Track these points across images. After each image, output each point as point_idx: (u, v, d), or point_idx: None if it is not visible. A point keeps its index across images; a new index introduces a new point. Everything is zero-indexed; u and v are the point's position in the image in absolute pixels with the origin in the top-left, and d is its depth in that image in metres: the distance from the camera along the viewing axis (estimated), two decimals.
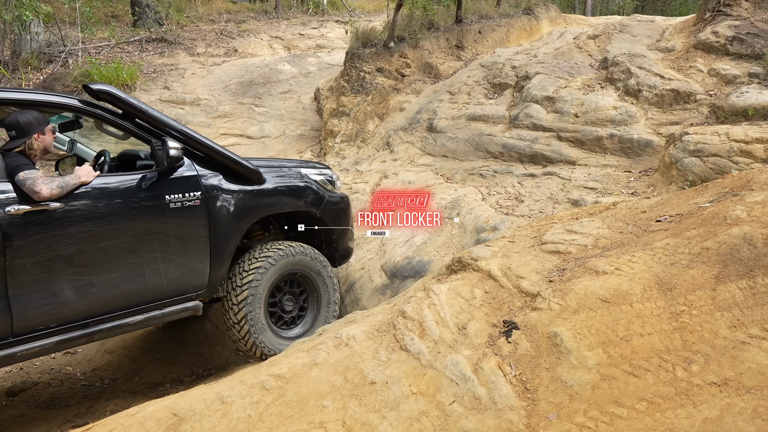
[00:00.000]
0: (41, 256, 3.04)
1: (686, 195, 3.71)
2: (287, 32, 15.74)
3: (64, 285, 3.14)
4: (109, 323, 3.37)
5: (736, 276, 2.54)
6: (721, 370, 2.17)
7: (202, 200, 3.66)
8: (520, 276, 3.01)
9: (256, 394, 2.56)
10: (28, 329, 3.05)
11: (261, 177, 4.02)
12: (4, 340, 2.99)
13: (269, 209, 4.15)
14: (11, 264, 2.93)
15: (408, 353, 2.67)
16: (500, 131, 7.04)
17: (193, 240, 3.64)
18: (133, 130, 3.58)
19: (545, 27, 11.09)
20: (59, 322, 3.16)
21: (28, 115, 3.25)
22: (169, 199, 3.52)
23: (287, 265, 4.11)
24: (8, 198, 2.96)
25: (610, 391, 2.21)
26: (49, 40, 11.56)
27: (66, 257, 3.13)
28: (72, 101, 3.46)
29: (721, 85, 6.38)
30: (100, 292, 3.28)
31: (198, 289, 3.75)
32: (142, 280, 3.44)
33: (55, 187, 3.06)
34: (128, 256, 3.37)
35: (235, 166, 3.87)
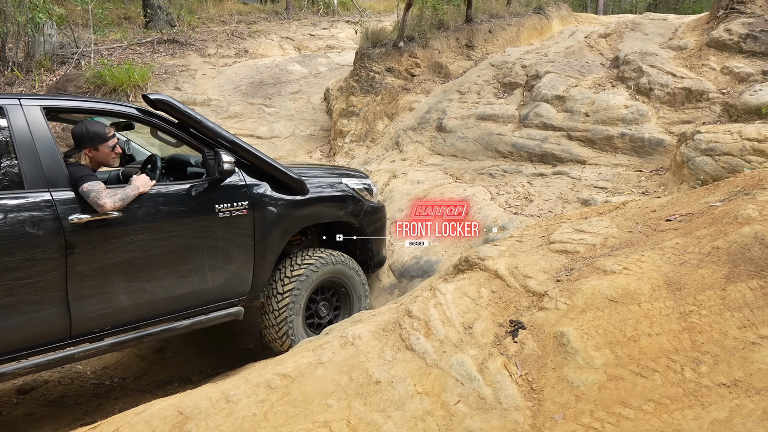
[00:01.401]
0: (99, 263, 3.14)
1: (697, 194, 3.67)
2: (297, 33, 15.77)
3: (118, 290, 3.25)
4: (159, 327, 3.50)
5: (746, 276, 2.50)
6: (731, 371, 2.13)
7: (249, 209, 3.76)
8: (528, 275, 2.99)
9: (262, 393, 2.56)
10: (85, 332, 3.18)
11: (305, 187, 4.11)
12: (62, 341, 3.11)
13: (311, 219, 4.25)
14: (72, 270, 3.03)
15: (413, 353, 2.66)
16: (510, 131, 7.00)
17: (238, 248, 3.74)
18: (188, 140, 3.69)
19: (556, 26, 11.02)
20: (113, 325, 3.29)
21: (95, 126, 3.36)
22: (219, 208, 3.62)
23: (326, 273, 4.25)
24: (72, 207, 3.06)
25: (617, 392, 2.18)
26: (62, 41, 11.66)
27: (122, 264, 3.24)
28: (131, 110, 3.56)
29: (734, 83, 6.29)
30: (152, 298, 3.40)
31: (241, 295, 3.85)
32: (190, 286, 3.54)
33: (117, 200, 3.17)
34: (178, 263, 3.48)
35: (281, 176, 3.96)
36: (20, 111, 3.06)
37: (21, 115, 3.05)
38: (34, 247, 2.93)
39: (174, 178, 3.98)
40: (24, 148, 2.99)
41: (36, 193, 2.98)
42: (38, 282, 2.94)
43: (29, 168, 2.98)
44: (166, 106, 3.52)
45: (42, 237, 2.95)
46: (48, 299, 3.00)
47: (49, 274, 2.98)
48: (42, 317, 3.01)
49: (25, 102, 3.11)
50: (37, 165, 3.01)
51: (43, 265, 2.96)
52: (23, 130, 3.02)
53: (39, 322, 3.00)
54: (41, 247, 2.94)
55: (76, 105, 3.48)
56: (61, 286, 3.02)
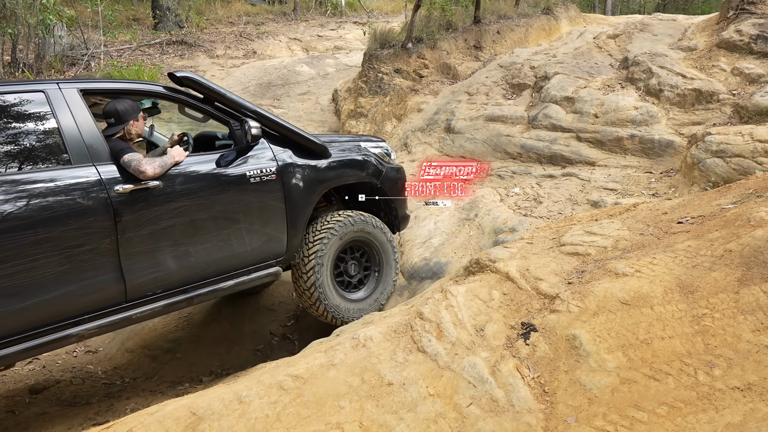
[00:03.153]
0: (146, 230, 3.37)
1: (708, 196, 3.66)
2: (305, 34, 15.82)
3: (165, 255, 3.47)
4: (206, 288, 3.72)
5: (760, 279, 2.49)
6: (745, 374, 2.12)
7: (277, 174, 3.97)
8: (539, 278, 2.99)
9: (274, 394, 2.57)
10: (139, 295, 3.41)
11: (327, 151, 4.32)
12: (120, 305, 3.35)
13: (336, 181, 4.43)
14: (122, 237, 3.26)
15: (425, 355, 2.66)
16: (519, 132, 6.99)
17: (271, 211, 3.96)
18: (214, 113, 3.91)
19: (564, 27, 11.00)
20: (164, 288, 3.52)
21: (125, 104, 3.58)
22: (249, 174, 3.83)
23: (349, 233, 4.43)
24: (116, 178, 3.27)
25: (630, 395, 2.18)
26: (72, 43, 11.75)
27: (166, 230, 3.46)
28: (159, 88, 3.78)
29: (744, 84, 6.27)
30: (196, 261, 3.62)
31: (278, 256, 4.06)
32: (230, 248, 3.76)
33: (156, 166, 3.39)
34: (217, 228, 3.70)
35: (305, 142, 4.18)
36: (60, 94, 3.27)
37: (61, 98, 3.26)
38: (86, 217, 3.13)
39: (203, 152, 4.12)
40: (67, 127, 3.20)
41: (83, 168, 3.19)
42: (93, 249, 3.16)
43: (74, 145, 3.20)
44: (192, 82, 3.73)
45: (92, 207, 3.15)
46: (103, 265, 3.22)
47: (101, 241, 3.19)
48: (99, 282, 3.22)
49: (64, 86, 3.31)
50: (80, 142, 3.22)
51: (96, 233, 3.17)
52: (65, 111, 3.23)
53: (97, 287, 3.22)
54: (92, 216, 3.15)
55: (109, 86, 3.68)
56: (113, 253, 3.24)
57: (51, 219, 3.01)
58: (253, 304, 5.72)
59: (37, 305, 3.03)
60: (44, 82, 3.29)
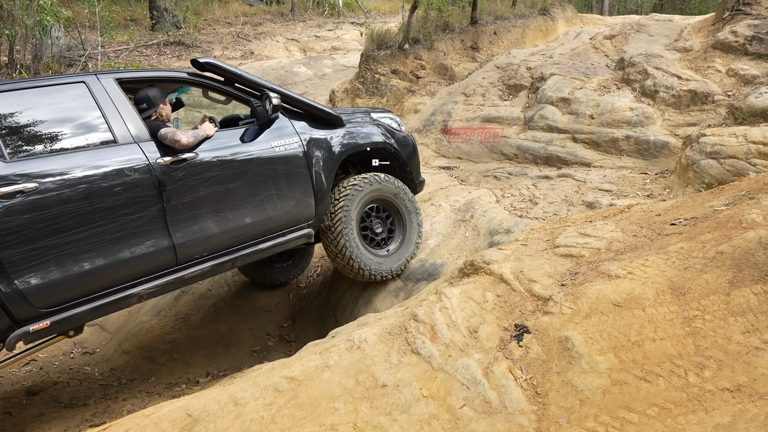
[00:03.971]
0: (187, 198, 3.69)
1: (702, 198, 3.68)
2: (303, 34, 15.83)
3: (207, 220, 3.80)
4: (247, 250, 4.05)
5: (750, 281, 2.51)
6: (734, 375, 2.15)
7: (299, 143, 4.30)
8: (533, 280, 3.01)
9: (269, 396, 2.59)
10: (188, 258, 3.75)
11: (342, 121, 4.67)
12: (172, 267, 3.69)
13: (354, 147, 4.73)
14: (168, 205, 3.59)
15: (419, 356, 2.68)
16: (515, 133, 7.02)
17: (297, 178, 4.27)
18: (235, 93, 4.23)
19: (561, 27, 11.03)
20: (210, 251, 3.85)
21: (153, 90, 3.97)
22: (274, 144, 4.17)
23: (371, 192, 4.76)
24: (156, 153, 3.61)
25: (621, 396, 2.20)
26: (69, 44, 11.75)
27: (205, 198, 3.78)
28: (183, 75, 4.14)
29: (739, 85, 6.29)
30: (235, 225, 3.94)
31: (308, 219, 4.39)
32: (264, 213, 4.09)
33: (190, 136, 3.72)
34: (250, 194, 4.01)
35: (321, 113, 4.54)
36: (99, 83, 3.62)
37: (100, 87, 3.61)
38: (134, 188, 3.47)
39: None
40: (109, 112, 3.56)
41: (127, 146, 3.54)
42: (143, 216, 3.50)
43: (117, 127, 3.55)
44: (213, 66, 4.06)
45: (138, 178, 3.49)
46: (154, 231, 3.55)
47: (150, 209, 3.52)
48: (152, 246, 3.56)
49: (101, 76, 3.67)
50: (122, 123, 3.58)
51: (144, 202, 3.50)
52: (105, 98, 3.58)
53: (151, 251, 3.56)
54: (140, 187, 3.49)
55: (140, 75, 4.01)
56: (161, 219, 3.58)
57: (105, 191, 3.36)
58: (250, 305, 5.74)
59: (101, 269, 3.36)
60: (84, 74, 3.64)
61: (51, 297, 3.22)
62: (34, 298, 3.14)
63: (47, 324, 3.22)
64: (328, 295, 5.58)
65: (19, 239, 3.07)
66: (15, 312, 3.12)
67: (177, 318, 5.60)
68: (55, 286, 3.21)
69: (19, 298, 3.10)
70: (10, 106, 3.30)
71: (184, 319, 5.59)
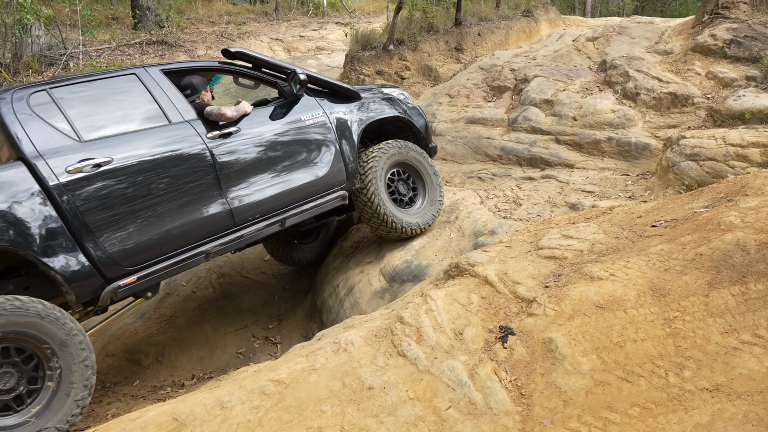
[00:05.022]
0: (236, 167, 4.14)
1: (682, 200, 3.75)
2: (287, 34, 15.77)
3: (255, 186, 4.24)
4: (291, 211, 4.50)
5: (729, 282, 2.57)
6: (713, 375, 2.20)
7: (324, 116, 4.76)
8: (517, 281, 3.05)
9: (256, 399, 2.60)
10: (244, 220, 4.19)
11: (359, 95, 5.14)
12: (231, 228, 4.13)
13: (373, 117, 5.16)
14: (221, 173, 4.04)
15: (405, 359, 2.71)
16: (499, 134, 7.07)
17: (327, 146, 4.73)
18: (263, 77, 4.67)
19: (544, 29, 11.12)
20: (261, 213, 4.30)
21: (196, 78, 4.41)
22: (303, 117, 4.63)
23: (396, 155, 5.21)
24: (204, 130, 4.05)
25: (603, 397, 2.25)
26: (50, 43, 11.59)
27: (250, 166, 4.23)
28: (215, 64, 4.64)
29: (718, 88, 6.41)
30: (280, 190, 4.39)
31: (341, 183, 4.83)
32: (302, 179, 4.53)
33: (233, 110, 4.17)
34: (288, 163, 4.46)
35: (340, 89, 5.00)
36: (148, 74, 4.06)
37: (150, 77, 4.04)
38: (191, 159, 3.91)
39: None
40: (160, 97, 3.99)
41: (180, 124, 3.98)
42: (201, 183, 3.94)
43: (168, 109, 3.99)
44: (243, 54, 4.47)
45: (194, 150, 3.94)
46: (212, 196, 4.00)
47: (206, 177, 3.96)
48: (212, 210, 4.00)
49: (149, 68, 4.11)
50: (172, 106, 4.02)
51: (201, 171, 3.94)
52: (155, 86, 4.02)
53: (212, 215, 3.99)
54: (195, 158, 3.93)
55: (180, 66, 4.39)
56: (217, 186, 4.02)
57: (166, 162, 3.80)
58: (235, 307, 5.72)
59: (172, 231, 3.80)
60: (133, 67, 4.09)
61: (133, 257, 3.64)
62: (120, 258, 3.58)
63: (134, 279, 3.65)
64: (313, 297, 5.59)
65: (100, 206, 3.52)
66: (105, 271, 3.54)
67: (161, 320, 5.57)
68: (135, 247, 3.65)
69: (107, 259, 3.53)
70: (76, 96, 3.73)
71: (169, 321, 5.56)
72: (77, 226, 3.44)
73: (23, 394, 3.04)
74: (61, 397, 3.11)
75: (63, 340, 3.15)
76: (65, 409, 3.11)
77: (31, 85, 3.64)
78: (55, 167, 3.42)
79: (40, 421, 3.02)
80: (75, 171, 3.46)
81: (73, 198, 3.43)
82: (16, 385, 3.03)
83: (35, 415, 3.02)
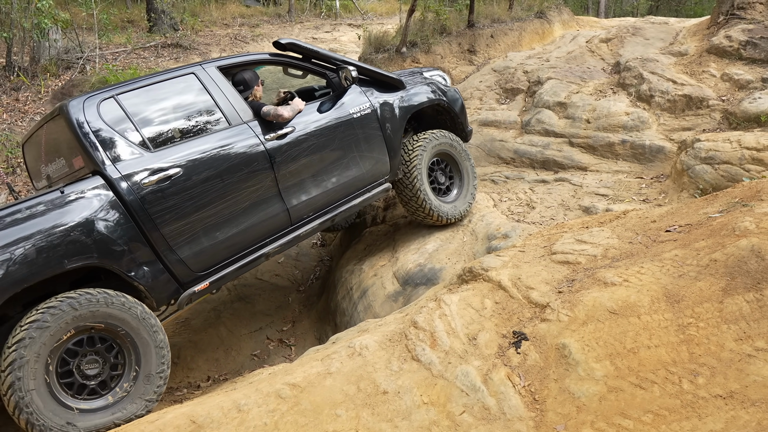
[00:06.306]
0: (292, 167, 4.19)
1: (696, 204, 3.74)
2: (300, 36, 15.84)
3: (309, 184, 4.31)
4: (342, 207, 4.59)
5: (743, 288, 2.57)
6: (727, 382, 2.20)
7: (371, 108, 4.81)
8: (530, 287, 3.06)
9: (272, 403, 2.64)
10: (299, 219, 4.28)
11: (403, 84, 5.17)
12: (288, 228, 4.23)
13: (416, 106, 5.22)
14: (278, 174, 4.09)
15: (419, 363, 2.73)
16: (512, 137, 7.07)
17: (373, 139, 4.79)
18: (312, 68, 4.74)
19: (558, 30, 11.08)
20: (314, 210, 4.38)
21: (249, 73, 4.41)
22: (352, 111, 4.67)
23: (435, 146, 5.30)
24: (262, 130, 4.09)
25: (617, 403, 2.26)
26: (66, 46, 11.74)
27: (305, 165, 4.28)
28: (266, 56, 4.65)
29: (734, 90, 6.36)
30: (331, 186, 4.47)
31: (385, 175, 4.93)
32: (351, 173, 4.62)
33: (289, 110, 4.17)
34: (340, 158, 4.53)
35: (385, 78, 5.05)
36: (205, 73, 4.07)
37: (207, 76, 4.05)
38: (252, 163, 3.97)
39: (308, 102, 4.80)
40: (219, 97, 4.02)
41: (239, 126, 4.02)
42: (262, 186, 4.01)
43: (227, 110, 4.03)
44: (294, 45, 4.56)
45: (254, 154, 3.99)
46: (271, 198, 4.07)
47: (265, 180, 4.03)
48: (271, 212, 4.08)
49: (205, 65, 4.12)
50: (231, 107, 4.05)
51: (260, 174, 4.01)
52: (213, 86, 4.04)
53: (271, 216, 4.09)
54: (255, 161, 3.99)
55: (235, 61, 4.40)
56: (275, 188, 4.09)
57: (231, 168, 3.86)
58: (250, 309, 5.78)
59: (237, 234, 3.89)
60: (191, 65, 4.11)
61: (203, 261, 3.77)
62: (191, 263, 3.70)
63: (207, 284, 3.79)
64: (327, 300, 5.63)
65: (174, 216, 3.60)
66: (180, 278, 3.68)
67: (177, 322, 5.64)
68: (205, 252, 3.76)
69: (180, 265, 3.65)
70: (141, 102, 3.78)
71: (185, 323, 5.63)
72: (155, 237, 3.54)
73: (107, 378, 3.24)
74: (142, 378, 3.31)
75: (139, 328, 3.32)
76: (148, 387, 3.31)
77: (99, 93, 3.66)
78: (132, 180, 3.49)
79: (128, 398, 3.25)
80: (150, 184, 3.53)
81: (150, 210, 3.52)
82: (101, 370, 3.22)
83: (126, 390, 3.26)
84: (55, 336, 3.03)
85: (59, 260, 3.19)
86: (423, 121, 5.62)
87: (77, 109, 3.52)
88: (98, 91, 3.69)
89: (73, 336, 3.13)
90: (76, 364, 3.15)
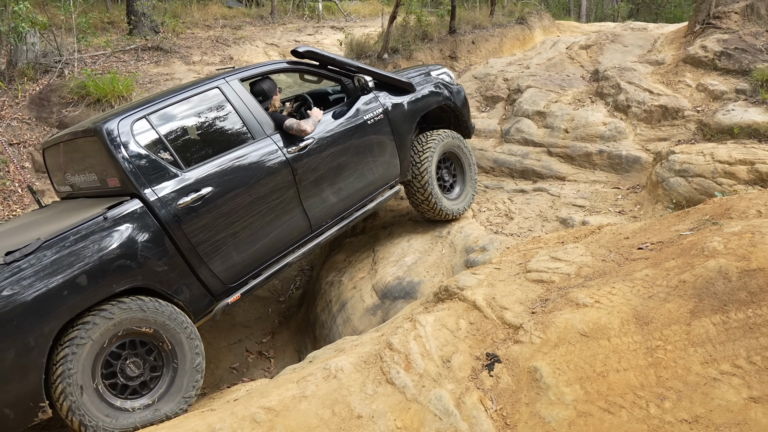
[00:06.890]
0: (313, 177, 4.33)
1: (668, 221, 3.80)
2: (283, 39, 15.78)
3: (327, 193, 4.45)
4: (359, 211, 4.76)
5: (710, 311, 2.62)
6: (693, 406, 2.25)
7: (383, 113, 4.93)
8: (504, 307, 3.10)
9: (247, 428, 2.64)
10: (318, 226, 4.43)
11: (413, 86, 5.28)
12: (309, 236, 4.38)
13: (425, 108, 5.37)
14: (300, 186, 4.22)
15: (394, 387, 2.75)
16: (492, 146, 7.13)
17: (385, 144, 4.93)
18: (328, 75, 4.86)
19: (538, 36, 11.18)
20: (332, 217, 4.54)
21: (267, 83, 4.51)
22: (366, 118, 4.80)
23: (442, 147, 5.48)
24: (284, 143, 4.18)
25: (585, 428, 2.30)
26: (45, 50, 11.58)
27: (324, 175, 4.42)
28: (284, 64, 4.76)
29: (708, 100, 6.47)
30: (347, 192, 4.62)
31: (396, 177, 5.10)
32: (365, 179, 4.77)
33: (311, 124, 4.28)
34: (355, 164, 4.68)
35: (395, 82, 5.16)
36: (229, 86, 4.12)
37: (231, 89, 4.11)
38: (276, 176, 4.09)
39: (323, 107, 4.87)
40: (243, 111, 4.09)
41: (263, 140, 4.11)
42: (285, 198, 4.15)
43: (251, 124, 4.10)
44: (311, 53, 4.70)
45: (278, 167, 4.11)
46: (293, 208, 4.22)
47: (288, 191, 4.17)
48: (293, 221, 4.24)
49: (228, 78, 4.18)
50: (254, 121, 4.12)
51: (284, 186, 4.14)
52: (237, 99, 4.10)
53: (294, 225, 4.24)
54: (279, 174, 4.11)
55: (254, 71, 4.47)
56: (297, 199, 4.23)
57: (258, 182, 3.98)
58: (229, 321, 5.76)
59: (264, 246, 4.05)
60: (215, 79, 4.15)
61: (234, 274, 3.92)
62: (223, 276, 3.85)
63: (238, 296, 3.97)
64: (307, 311, 5.63)
65: (207, 234, 3.75)
66: (213, 290, 3.83)
67: None
68: (235, 264, 3.92)
69: (213, 278, 3.81)
70: (171, 120, 3.85)
71: None
72: (191, 255, 3.68)
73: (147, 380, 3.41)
74: (178, 381, 3.48)
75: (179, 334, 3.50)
76: (183, 390, 3.48)
77: (131, 114, 3.72)
78: (168, 202, 3.60)
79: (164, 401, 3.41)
80: (185, 205, 3.64)
81: (186, 229, 3.64)
82: (141, 372, 3.38)
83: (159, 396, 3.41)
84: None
85: (109, 285, 3.32)
86: (428, 119, 5.74)
87: (113, 131, 3.59)
88: (129, 111, 3.76)
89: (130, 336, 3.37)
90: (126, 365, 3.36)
